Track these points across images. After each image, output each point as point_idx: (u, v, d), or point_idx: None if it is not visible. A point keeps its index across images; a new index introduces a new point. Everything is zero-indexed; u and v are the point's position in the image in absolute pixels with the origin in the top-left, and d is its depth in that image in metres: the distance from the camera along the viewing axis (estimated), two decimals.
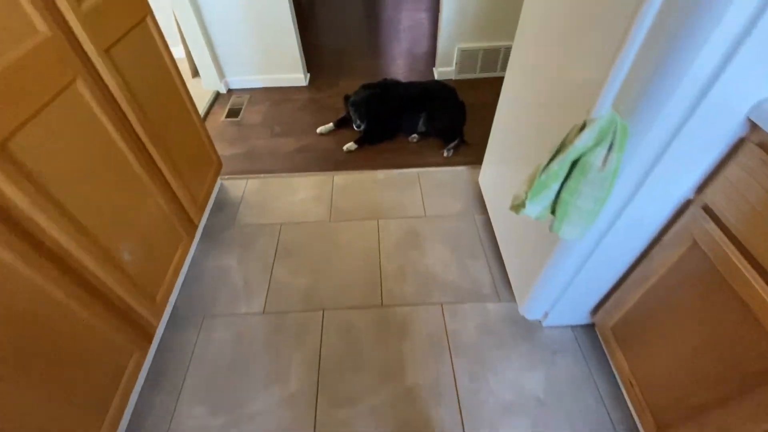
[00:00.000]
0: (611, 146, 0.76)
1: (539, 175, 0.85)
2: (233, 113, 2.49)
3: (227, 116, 2.46)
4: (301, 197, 1.87)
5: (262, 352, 1.32)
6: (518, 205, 0.90)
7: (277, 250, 1.63)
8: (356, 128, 2.11)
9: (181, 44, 2.62)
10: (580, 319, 1.33)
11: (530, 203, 0.88)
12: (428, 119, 2.15)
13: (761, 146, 0.71)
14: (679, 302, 0.92)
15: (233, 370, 1.28)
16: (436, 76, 2.70)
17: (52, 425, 0.87)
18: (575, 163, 0.81)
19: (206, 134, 1.69)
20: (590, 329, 1.35)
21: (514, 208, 0.91)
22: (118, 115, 1.12)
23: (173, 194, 1.40)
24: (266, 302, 1.46)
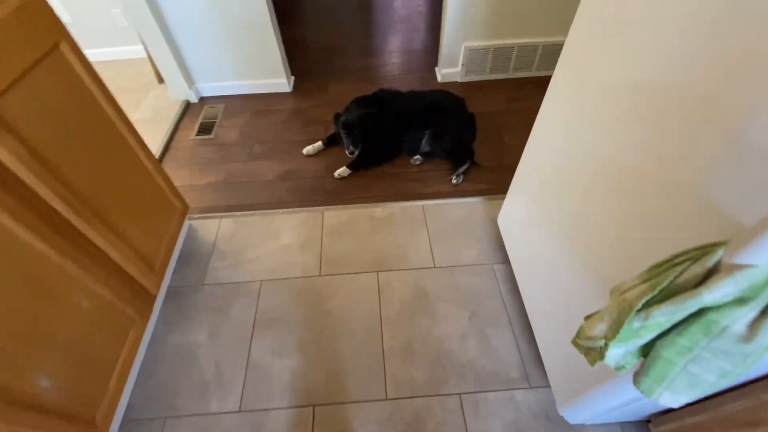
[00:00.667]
0: (766, 310, 0.47)
1: (630, 319, 0.56)
2: (206, 128, 2.14)
3: (199, 132, 2.12)
4: (284, 242, 1.56)
5: None
6: (593, 354, 0.61)
7: (255, 319, 1.34)
8: (349, 154, 1.79)
9: (141, 42, 2.23)
10: (636, 416, 1.07)
11: (610, 349, 0.60)
12: (433, 138, 1.83)
13: None
14: None
15: None
16: (439, 78, 2.35)
17: None
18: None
19: (163, 177, 1.36)
20: (643, 426, 1.09)
21: (586, 354, 0.63)
22: (17, 192, 0.80)
23: (118, 270, 1.09)
24: (243, 396, 1.18)
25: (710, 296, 0.47)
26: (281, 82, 2.32)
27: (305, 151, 1.95)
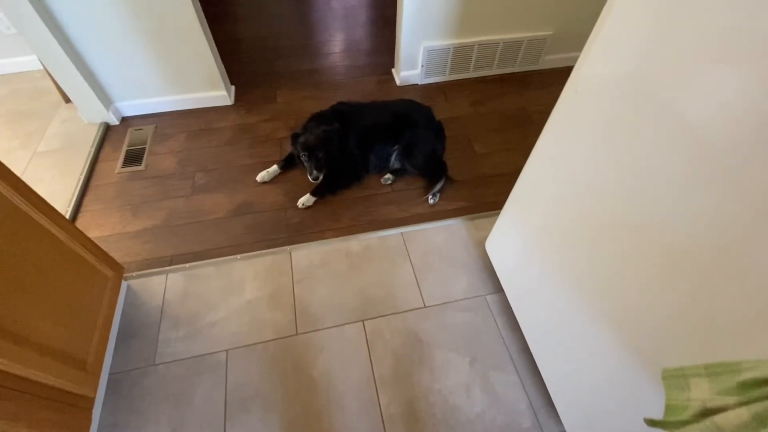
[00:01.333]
0: None
1: None
2: (134, 157, 1.80)
3: (126, 163, 1.78)
4: (249, 297, 1.34)
5: None
6: None
7: (227, 401, 1.13)
8: (312, 180, 1.57)
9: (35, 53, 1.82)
10: None
11: None
12: (403, 153, 1.67)
13: None
14: None
15: None
16: (397, 81, 2.17)
17: None
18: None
19: (83, 241, 1.07)
20: None
21: None
22: None
23: (44, 392, 0.83)
24: None
25: None
26: (220, 94, 2.01)
27: (259, 177, 1.70)
